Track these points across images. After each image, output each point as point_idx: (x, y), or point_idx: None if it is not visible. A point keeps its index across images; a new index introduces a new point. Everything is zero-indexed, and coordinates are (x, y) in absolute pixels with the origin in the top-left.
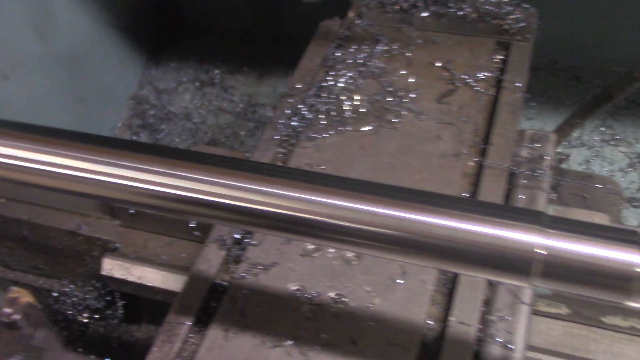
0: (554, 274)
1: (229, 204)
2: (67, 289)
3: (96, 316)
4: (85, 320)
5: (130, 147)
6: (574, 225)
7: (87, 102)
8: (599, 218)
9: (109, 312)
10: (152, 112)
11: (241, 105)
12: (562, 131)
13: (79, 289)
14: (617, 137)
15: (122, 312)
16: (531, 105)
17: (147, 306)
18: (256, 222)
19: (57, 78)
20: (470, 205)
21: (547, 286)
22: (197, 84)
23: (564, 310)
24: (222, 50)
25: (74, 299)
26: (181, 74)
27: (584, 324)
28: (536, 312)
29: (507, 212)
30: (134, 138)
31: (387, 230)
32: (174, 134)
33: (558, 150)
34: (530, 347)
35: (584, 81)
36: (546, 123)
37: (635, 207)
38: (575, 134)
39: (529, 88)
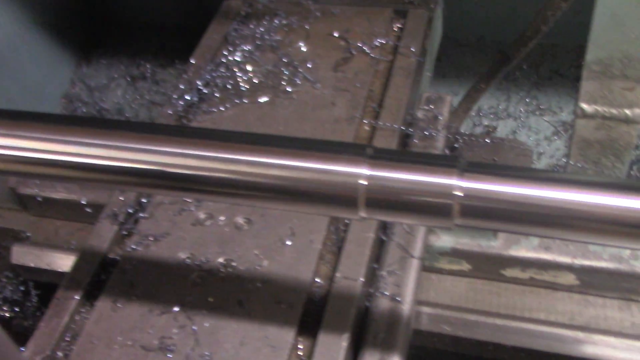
0: (378, 203)
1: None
2: None
3: (16, 309)
4: (7, 314)
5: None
6: (397, 155)
7: (16, 103)
8: None
9: (28, 304)
10: (84, 109)
11: None
12: (470, 97)
13: None
14: (542, 106)
15: (37, 301)
16: (459, 80)
17: None
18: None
19: None
20: (298, 143)
21: (375, 217)
22: (128, 79)
23: (465, 266)
24: (152, 45)
25: None
26: (112, 70)
27: (487, 278)
28: (440, 271)
29: (334, 147)
30: None
31: (210, 173)
32: None
33: (485, 123)
34: (435, 305)
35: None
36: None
37: None
38: (501, 106)
39: (457, 64)
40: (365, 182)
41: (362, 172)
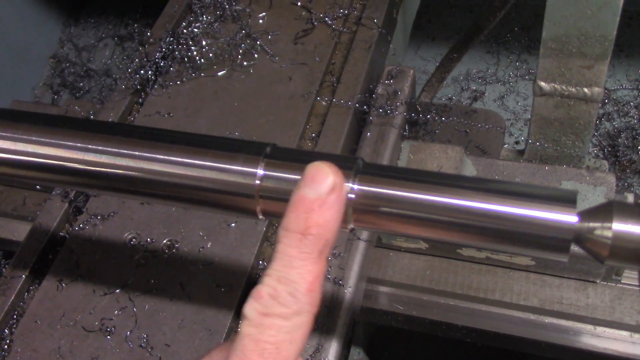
0: (272, 205)
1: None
2: None
3: None
4: None
5: None
6: (294, 154)
7: (3, 64)
8: (452, 151)
9: None
10: (72, 70)
11: None
12: (443, 67)
13: None
14: (532, 71)
15: None
16: (447, 43)
17: None
18: None
19: None
20: (196, 140)
21: (271, 217)
22: (116, 39)
23: (422, 244)
24: (140, 4)
25: None
26: (100, 30)
27: (444, 257)
28: (399, 249)
29: (234, 145)
30: (55, 97)
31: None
32: (94, 90)
33: (473, 88)
34: (391, 283)
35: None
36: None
37: None
38: (490, 70)
39: (448, 26)
40: (259, 182)
41: (257, 172)
